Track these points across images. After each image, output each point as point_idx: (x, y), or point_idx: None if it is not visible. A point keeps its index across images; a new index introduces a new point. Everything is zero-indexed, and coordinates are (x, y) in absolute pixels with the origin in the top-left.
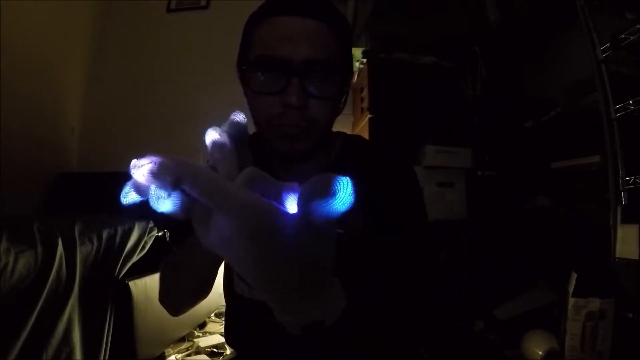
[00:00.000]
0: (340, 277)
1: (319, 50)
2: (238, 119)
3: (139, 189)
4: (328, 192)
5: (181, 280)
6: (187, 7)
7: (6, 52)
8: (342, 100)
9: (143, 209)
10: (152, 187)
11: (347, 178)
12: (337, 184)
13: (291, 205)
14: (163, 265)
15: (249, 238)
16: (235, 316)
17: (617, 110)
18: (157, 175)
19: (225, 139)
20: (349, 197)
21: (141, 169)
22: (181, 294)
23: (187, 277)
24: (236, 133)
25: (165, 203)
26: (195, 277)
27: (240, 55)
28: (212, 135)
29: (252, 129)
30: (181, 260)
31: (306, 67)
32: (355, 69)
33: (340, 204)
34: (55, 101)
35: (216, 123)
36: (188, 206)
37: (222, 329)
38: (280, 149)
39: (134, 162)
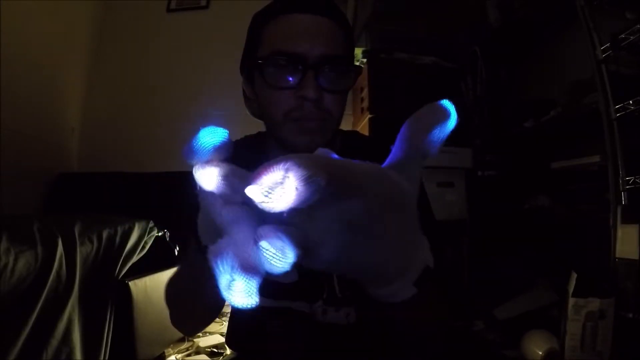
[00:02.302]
0: None
1: (332, 46)
2: (213, 137)
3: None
4: (444, 114)
5: (203, 305)
6: (187, 7)
7: (6, 52)
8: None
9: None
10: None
11: (446, 100)
12: (447, 105)
13: None
14: (176, 287)
15: (393, 210)
16: (238, 318)
17: (617, 110)
18: (309, 180)
19: (225, 166)
20: (455, 114)
21: (287, 182)
22: (203, 317)
23: (211, 300)
24: (223, 153)
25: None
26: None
27: (247, 53)
28: (209, 173)
29: (255, 127)
30: (203, 282)
31: (321, 62)
32: None
33: (453, 123)
34: (55, 101)
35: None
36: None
37: (222, 329)
38: (300, 143)
39: (252, 189)
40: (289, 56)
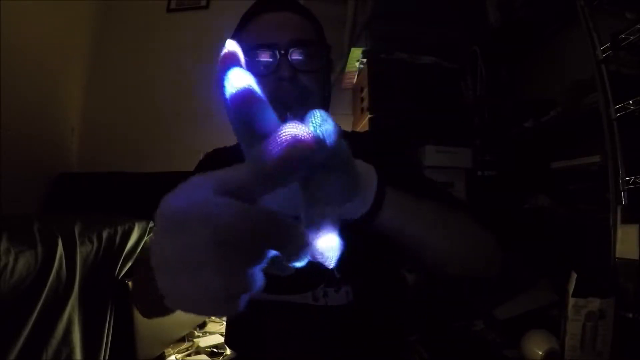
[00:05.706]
0: None
1: (298, 34)
2: None
3: None
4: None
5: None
6: (187, 7)
7: (6, 52)
8: (329, 76)
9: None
10: None
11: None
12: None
13: None
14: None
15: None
16: (237, 318)
17: (617, 110)
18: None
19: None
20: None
21: None
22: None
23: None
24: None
25: None
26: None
27: None
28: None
29: None
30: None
31: (290, 46)
32: (355, 69)
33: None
34: (55, 101)
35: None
36: None
37: (222, 329)
38: (280, 118)
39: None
40: (263, 46)
